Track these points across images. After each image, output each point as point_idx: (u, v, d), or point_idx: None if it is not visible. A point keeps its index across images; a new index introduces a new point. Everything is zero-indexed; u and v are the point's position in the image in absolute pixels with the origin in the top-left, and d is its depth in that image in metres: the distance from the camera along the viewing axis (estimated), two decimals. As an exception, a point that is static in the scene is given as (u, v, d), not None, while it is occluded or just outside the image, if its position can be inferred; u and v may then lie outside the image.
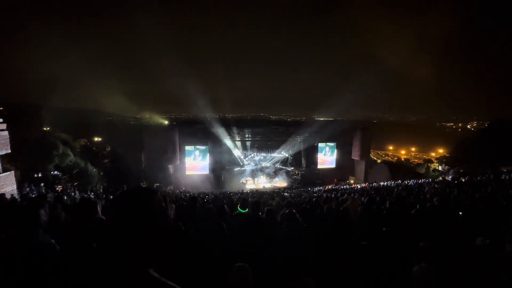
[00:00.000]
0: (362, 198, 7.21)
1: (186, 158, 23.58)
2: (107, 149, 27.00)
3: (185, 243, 2.28)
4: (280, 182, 24.32)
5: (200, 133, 24.05)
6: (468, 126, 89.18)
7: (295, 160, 26.75)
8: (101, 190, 14.44)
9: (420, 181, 17.38)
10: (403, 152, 62.43)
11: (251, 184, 23.37)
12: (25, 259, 1.52)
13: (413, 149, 63.30)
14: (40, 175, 16.91)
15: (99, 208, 2.60)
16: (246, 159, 25.76)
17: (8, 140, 10.49)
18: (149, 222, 0.77)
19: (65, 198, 8.25)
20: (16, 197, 7.78)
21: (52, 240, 1.69)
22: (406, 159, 49.26)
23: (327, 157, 26.27)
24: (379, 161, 42.48)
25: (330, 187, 21.48)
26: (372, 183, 19.51)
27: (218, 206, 3.57)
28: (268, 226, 2.81)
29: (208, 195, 14.31)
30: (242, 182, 23.86)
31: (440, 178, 19.57)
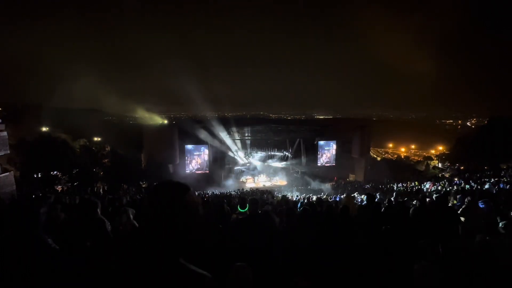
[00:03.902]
0: (362, 196, 7.23)
1: (185, 157, 23.55)
2: (106, 149, 26.92)
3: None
4: (280, 181, 24.32)
5: (199, 132, 24.01)
6: (468, 123, 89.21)
7: (295, 158, 26.73)
8: (101, 190, 14.45)
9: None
10: (403, 149, 62.47)
11: (251, 183, 23.35)
12: (24, 258, 1.52)
13: (413, 146, 63.31)
14: (39, 175, 16.91)
15: (98, 209, 2.61)
16: (246, 157, 25.74)
17: (7, 140, 10.45)
18: (183, 214, 0.83)
19: (67, 197, 8.24)
20: (16, 198, 7.77)
21: (49, 239, 1.68)
22: (406, 157, 49.27)
23: (327, 155, 26.26)
24: (379, 158, 42.52)
25: (330, 185, 21.51)
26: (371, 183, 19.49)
27: (217, 207, 3.57)
28: (265, 225, 2.80)
29: (207, 194, 14.31)
30: (242, 181, 23.85)
31: (440, 176, 19.61)
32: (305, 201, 7.63)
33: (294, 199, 9.98)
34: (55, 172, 18.02)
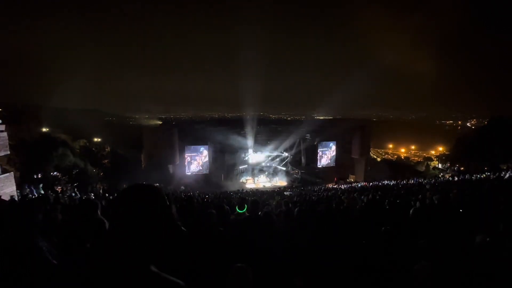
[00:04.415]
0: (362, 197, 7.22)
1: (185, 157, 23.55)
2: (106, 149, 26.94)
3: (184, 243, 2.28)
4: (280, 181, 24.32)
5: (199, 132, 24.01)
6: (468, 124, 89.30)
7: (295, 159, 26.73)
8: (101, 191, 14.43)
9: (420, 180, 17.35)
10: (403, 150, 62.50)
11: (251, 184, 23.35)
12: (19, 259, 1.52)
13: (413, 147, 63.33)
14: (39, 176, 16.88)
15: (98, 209, 2.60)
16: (246, 158, 25.73)
17: (7, 141, 10.45)
18: (152, 219, 0.77)
19: (66, 198, 8.23)
20: (16, 199, 7.76)
21: (42, 241, 1.67)
22: (406, 157, 49.32)
23: (327, 156, 26.26)
24: (379, 159, 42.55)
25: (330, 185, 21.51)
26: (371, 183, 19.50)
27: (218, 207, 3.56)
28: (265, 226, 2.79)
29: (208, 194, 14.29)
30: (242, 182, 23.84)
31: (440, 176, 19.61)
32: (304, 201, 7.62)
33: (294, 199, 9.97)
34: (55, 173, 18.00)
